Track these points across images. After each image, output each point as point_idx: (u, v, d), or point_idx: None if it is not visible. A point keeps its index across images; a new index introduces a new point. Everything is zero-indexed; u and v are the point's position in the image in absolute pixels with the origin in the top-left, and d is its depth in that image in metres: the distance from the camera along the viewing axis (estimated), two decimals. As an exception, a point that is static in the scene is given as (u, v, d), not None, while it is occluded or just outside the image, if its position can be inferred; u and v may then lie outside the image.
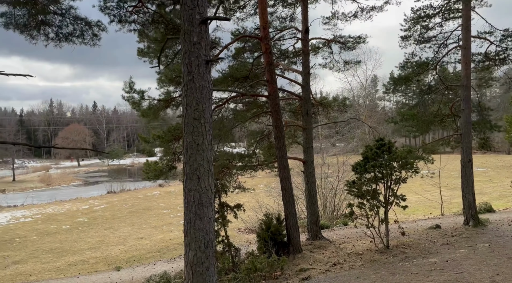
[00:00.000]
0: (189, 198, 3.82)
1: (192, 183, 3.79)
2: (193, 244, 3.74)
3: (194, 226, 3.76)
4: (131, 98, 8.96)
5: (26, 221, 26.89)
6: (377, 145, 8.87)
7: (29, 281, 12.63)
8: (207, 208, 3.82)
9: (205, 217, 3.81)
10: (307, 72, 11.74)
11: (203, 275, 3.70)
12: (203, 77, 3.88)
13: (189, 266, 3.74)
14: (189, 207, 3.81)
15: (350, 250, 10.06)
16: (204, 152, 3.82)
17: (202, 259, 3.73)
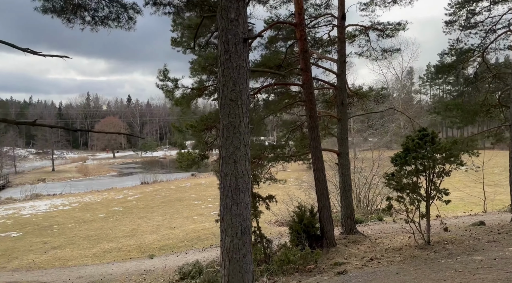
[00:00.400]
0: (225, 182, 3.66)
1: (229, 167, 3.62)
2: (230, 230, 3.58)
3: (230, 212, 3.60)
4: (165, 87, 8.95)
5: (64, 209, 28.03)
6: (419, 135, 8.39)
7: (67, 266, 13.08)
8: (243, 194, 3.65)
9: (242, 203, 3.64)
10: (343, 61, 11.31)
11: (240, 263, 3.55)
12: (241, 56, 3.69)
13: (225, 252, 3.59)
14: (225, 192, 3.65)
15: (387, 245, 9.66)
16: (241, 135, 3.64)
17: (239, 246, 3.57)
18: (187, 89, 9.28)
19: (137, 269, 11.95)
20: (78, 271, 12.36)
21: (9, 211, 28.69)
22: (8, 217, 25.89)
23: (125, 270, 12.00)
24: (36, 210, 28.31)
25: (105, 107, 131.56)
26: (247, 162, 3.70)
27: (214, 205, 25.74)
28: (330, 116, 12.21)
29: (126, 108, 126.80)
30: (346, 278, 7.17)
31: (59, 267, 13.06)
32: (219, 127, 3.72)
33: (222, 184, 3.70)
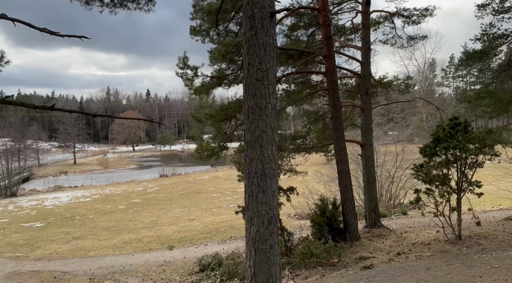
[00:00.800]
0: (250, 168, 3.41)
1: (254, 152, 3.37)
2: (256, 219, 3.34)
3: (256, 200, 3.35)
4: (185, 75, 8.76)
5: (85, 200, 28.51)
6: (451, 124, 7.93)
7: (88, 256, 13.18)
8: (270, 180, 3.40)
9: (269, 190, 3.39)
10: (368, 48, 10.86)
11: (267, 253, 3.31)
12: (267, 32, 3.41)
13: (251, 242, 3.36)
14: (251, 178, 3.40)
15: (413, 240, 9.27)
16: (268, 117, 3.39)
17: (266, 235, 3.33)
18: (206, 78, 9.08)
19: (157, 260, 11.92)
20: (99, 261, 12.43)
21: (33, 202, 29.40)
22: (32, 208, 26.51)
23: (145, 261, 12.00)
24: (58, 201, 28.90)
25: (125, 101, 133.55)
26: (274, 146, 3.44)
27: (232, 198, 25.66)
28: (353, 106, 11.80)
29: (145, 103, 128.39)
30: (373, 273, 6.85)
31: (80, 257, 13.18)
32: (244, 109, 3.48)
33: (247, 170, 3.45)
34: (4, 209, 26.94)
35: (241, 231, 15.61)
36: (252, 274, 3.33)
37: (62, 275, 11.23)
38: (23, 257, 13.66)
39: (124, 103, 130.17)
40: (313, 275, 7.61)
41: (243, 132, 3.50)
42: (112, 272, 11.31)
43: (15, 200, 31.62)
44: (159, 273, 11.01)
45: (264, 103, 3.38)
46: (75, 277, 11.05)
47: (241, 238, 14.43)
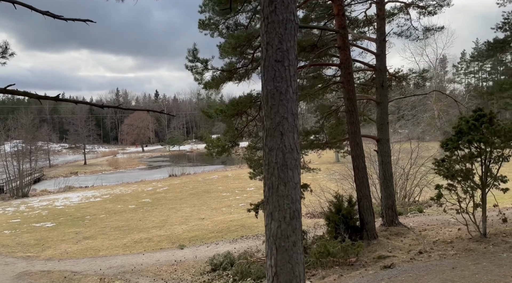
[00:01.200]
0: (270, 158, 3.11)
1: (274, 141, 3.08)
2: (276, 214, 3.04)
3: (277, 193, 3.05)
4: (195, 68, 8.50)
5: (95, 200, 28.51)
6: (475, 116, 7.53)
7: (98, 256, 13.03)
8: (292, 171, 3.10)
9: (290, 182, 3.09)
10: (383, 39, 10.48)
11: (289, 252, 3.01)
12: (288, 8, 3.11)
13: (272, 240, 3.06)
14: (271, 170, 3.11)
15: (434, 238, 8.88)
16: (289, 102, 3.09)
17: (288, 232, 3.03)
18: (216, 71, 8.80)
19: (168, 260, 11.70)
20: (109, 261, 12.26)
21: (44, 202, 29.52)
22: (43, 208, 26.59)
23: (156, 261, 11.79)
24: (69, 201, 28.96)
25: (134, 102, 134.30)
26: (296, 134, 3.14)
27: (242, 196, 25.40)
28: (367, 100, 11.42)
29: (154, 103, 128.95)
30: (395, 273, 6.50)
31: (91, 257, 13.03)
32: (262, 94, 3.18)
33: (266, 160, 3.15)
34: (16, 209, 27.08)
35: (252, 230, 15.31)
36: (274, 274, 3.04)
37: (73, 275, 11.07)
38: (33, 257, 13.58)
39: (133, 104, 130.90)
40: (331, 275, 7.29)
41: (262, 119, 3.20)
42: (123, 272, 11.12)
43: (27, 200, 31.80)
44: (170, 272, 10.78)
45: (285, 87, 3.07)
46: (86, 277, 10.88)
47: (252, 237, 14.15)
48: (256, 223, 16.37)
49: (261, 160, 10.96)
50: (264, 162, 3.21)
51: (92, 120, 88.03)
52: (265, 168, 3.21)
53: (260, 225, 16.08)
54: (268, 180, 3.16)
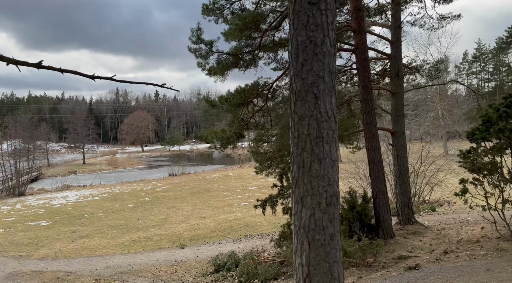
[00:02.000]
0: (300, 129, 2.44)
1: (306, 106, 2.42)
2: (309, 199, 2.37)
3: (309, 172, 2.39)
4: (198, 50, 7.84)
5: (94, 199, 27.82)
6: (505, 103, 6.86)
7: (94, 255, 12.35)
8: (329, 145, 2.44)
9: (327, 159, 2.43)
10: (398, 26, 9.83)
11: (325, 247, 2.35)
12: None
13: (302, 232, 2.39)
14: (301, 143, 2.44)
15: (456, 237, 8.21)
16: (325, 57, 2.43)
17: (324, 222, 2.38)
18: (222, 55, 8.14)
19: (168, 260, 11.03)
20: (106, 261, 11.58)
21: (41, 201, 28.83)
22: (39, 206, 25.91)
23: (155, 261, 11.12)
24: (66, 200, 28.27)
25: (134, 102, 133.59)
26: (333, 98, 2.49)
27: (243, 196, 24.72)
28: (379, 90, 10.75)
29: (154, 103, 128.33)
30: (421, 274, 5.83)
31: (86, 256, 12.36)
32: (289, 48, 2.52)
33: (295, 132, 2.49)
34: (11, 208, 26.39)
35: (256, 229, 14.64)
36: (305, 275, 2.38)
37: (66, 275, 10.39)
38: (26, 256, 12.89)
39: (133, 104, 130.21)
40: (348, 277, 6.61)
41: (289, 79, 2.53)
42: (120, 272, 10.45)
43: (23, 199, 31.11)
44: (170, 273, 10.11)
45: (321, 37, 2.41)
46: (80, 277, 10.21)
47: (257, 236, 13.48)
48: (260, 222, 15.69)
49: (268, 154, 10.30)
50: (293, 134, 2.54)
51: (92, 119, 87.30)
52: (293, 141, 2.54)
53: (264, 224, 15.39)
54: (297, 156, 2.50)
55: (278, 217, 15.54)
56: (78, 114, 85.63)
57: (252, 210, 19.76)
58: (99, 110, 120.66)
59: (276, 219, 15.61)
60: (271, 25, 8.11)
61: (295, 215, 2.54)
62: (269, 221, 15.72)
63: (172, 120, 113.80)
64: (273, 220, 15.70)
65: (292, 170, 2.58)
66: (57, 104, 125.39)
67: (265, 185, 28.51)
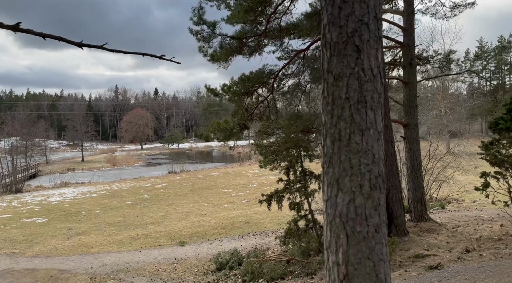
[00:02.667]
0: (336, 92, 1.92)
1: (344, 62, 1.89)
2: (347, 180, 1.87)
3: (348, 147, 1.87)
4: (200, 32, 7.31)
5: (92, 196, 27.29)
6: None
7: (90, 253, 11.84)
8: (374, 113, 1.92)
9: (371, 129, 1.92)
10: (411, 12, 9.31)
11: (369, 241, 1.85)
12: None
13: (339, 222, 1.87)
14: (337, 110, 1.92)
15: (474, 235, 7.71)
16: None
17: (367, 210, 1.87)
18: (226, 38, 7.61)
19: (167, 257, 10.52)
20: (102, 259, 11.07)
21: (38, 198, 28.30)
22: (36, 203, 25.39)
23: (154, 258, 10.61)
24: (64, 197, 27.75)
25: (133, 100, 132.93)
26: (380, 51, 1.98)
27: (244, 193, 24.21)
28: (395, 79, 10.22)
29: (154, 101, 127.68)
30: (445, 274, 5.32)
31: (82, 253, 11.85)
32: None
33: (328, 96, 1.97)
34: (7, 204, 25.85)
35: (258, 227, 14.13)
36: (343, 277, 1.87)
37: (60, 273, 9.88)
38: (19, 253, 12.38)
39: (132, 102, 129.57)
40: (362, 277, 6.07)
41: (322, 30, 2.00)
42: (117, 271, 9.94)
43: (20, 196, 30.59)
44: (169, 271, 9.61)
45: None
46: (74, 276, 9.70)
47: (260, 234, 12.97)
48: (263, 219, 15.19)
49: (273, 147, 9.79)
50: (325, 99, 2.03)
51: (91, 117, 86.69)
52: (325, 109, 2.03)
53: (267, 221, 14.89)
54: (331, 127, 1.98)
55: (281, 214, 15.03)
56: (77, 111, 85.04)
57: (254, 207, 19.31)
58: (98, 108, 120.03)
59: (279, 216, 15.11)
60: (278, 6, 7.59)
61: (328, 201, 2.03)
62: (272, 218, 15.22)
63: (172, 119, 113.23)
64: (275, 217, 15.20)
65: (324, 145, 2.06)
66: (56, 102, 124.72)
67: (266, 182, 28.00)
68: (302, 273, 7.17)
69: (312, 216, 8.41)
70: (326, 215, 2.05)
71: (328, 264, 2.04)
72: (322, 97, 2.08)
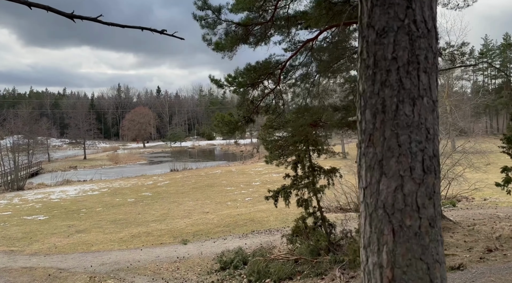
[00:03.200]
0: (378, 51, 1.53)
1: (391, 12, 1.49)
2: (393, 162, 1.48)
3: (395, 120, 1.49)
4: (205, 18, 6.93)
5: (93, 194, 27.01)
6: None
7: (90, 251, 11.50)
8: (428, 77, 1.54)
9: (424, 98, 1.53)
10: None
11: (422, 238, 1.46)
12: None
13: (382, 214, 1.48)
14: (380, 75, 1.53)
15: (491, 234, 7.30)
16: None
17: (419, 198, 1.48)
18: (231, 25, 7.22)
19: (169, 256, 10.17)
20: (102, 257, 10.73)
21: (39, 195, 28.05)
22: (37, 201, 25.13)
23: (156, 257, 10.25)
24: (65, 194, 27.48)
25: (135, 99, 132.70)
26: (434, 0, 1.60)
27: (247, 191, 23.87)
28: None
29: (156, 100, 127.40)
30: (469, 276, 4.92)
31: (82, 251, 11.51)
32: None
33: (368, 58, 1.58)
34: (8, 202, 25.61)
35: (263, 225, 13.76)
36: (388, 281, 1.49)
37: (58, 272, 9.54)
38: (17, 251, 12.06)
39: (135, 101, 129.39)
40: (376, 278, 5.68)
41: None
42: (117, 269, 9.59)
43: (21, 193, 30.34)
44: (171, 271, 9.25)
45: None
46: (73, 275, 9.35)
47: (264, 232, 12.59)
48: (267, 217, 14.81)
49: (280, 141, 9.39)
50: (364, 62, 1.63)
51: (93, 115, 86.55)
52: (364, 74, 1.64)
53: (271, 219, 14.51)
54: (373, 96, 1.59)
55: (286, 212, 14.65)
56: (80, 110, 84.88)
57: (257, 205, 18.92)
58: (100, 106, 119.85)
59: (284, 214, 14.73)
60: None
61: (367, 189, 1.64)
62: (276, 216, 14.85)
63: (174, 117, 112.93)
64: (280, 215, 14.83)
65: (361, 120, 1.67)
66: (58, 100, 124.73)
67: (269, 180, 27.62)
68: (311, 273, 6.78)
69: (321, 213, 8.03)
70: (364, 206, 1.66)
71: (367, 266, 1.65)
72: (359, 60, 1.69)
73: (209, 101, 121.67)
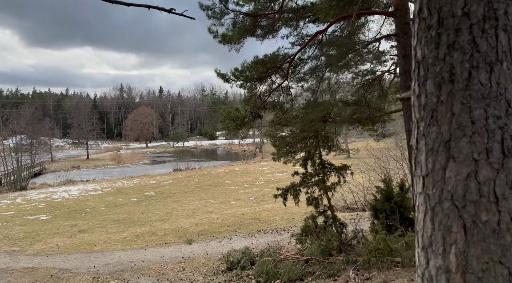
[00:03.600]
0: (445, 5, 1.25)
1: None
2: (464, 143, 1.21)
3: (467, 89, 1.22)
4: (212, 8, 6.64)
5: (96, 193, 26.81)
6: None
7: (93, 251, 11.24)
8: (507, 36, 1.27)
9: (504, 62, 1.25)
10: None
11: (501, 236, 1.18)
12: None
13: (450, 207, 1.21)
14: (446, 35, 1.25)
15: None
16: None
17: (498, 187, 1.20)
18: (239, 15, 6.94)
19: (174, 256, 9.89)
20: (105, 257, 10.48)
21: (42, 195, 27.89)
22: (40, 200, 24.96)
23: (160, 257, 9.99)
24: (68, 194, 27.30)
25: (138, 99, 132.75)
26: None
27: (251, 190, 23.58)
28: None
29: (158, 100, 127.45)
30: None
31: (85, 252, 11.26)
32: None
33: (432, 15, 1.29)
34: (11, 202, 25.45)
35: (269, 224, 13.46)
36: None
37: (61, 273, 9.29)
38: (20, 251, 11.82)
39: (137, 101, 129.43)
40: (394, 280, 5.41)
41: None
42: (121, 270, 9.33)
43: (24, 193, 30.20)
44: (177, 271, 8.98)
45: None
46: (76, 275, 9.10)
47: (271, 232, 12.30)
48: (273, 217, 14.52)
49: (288, 137, 9.10)
50: (424, 21, 1.34)
51: (96, 115, 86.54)
52: (424, 35, 1.35)
53: (277, 218, 14.22)
54: (436, 62, 1.31)
55: (292, 211, 14.37)
56: (82, 110, 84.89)
57: (262, 204, 18.63)
58: (103, 106, 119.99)
59: (290, 214, 14.44)
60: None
61: (428, 177, 1.35)
62: (282, 215, 14.57)
63: (176, 117, 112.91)
64: (286, 214, 14.55)
65: (420, 93, 1.38)
66: (61, 100, 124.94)
67: (273, 180, 27.32)
68: (323, 274, 6.48)
69: (332, 212, 7.73)
70: (424, 198, 1.36)
71: (428, 270, 1.35)
72: (416, 21, 1.40)
73: (212, 101, 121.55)
